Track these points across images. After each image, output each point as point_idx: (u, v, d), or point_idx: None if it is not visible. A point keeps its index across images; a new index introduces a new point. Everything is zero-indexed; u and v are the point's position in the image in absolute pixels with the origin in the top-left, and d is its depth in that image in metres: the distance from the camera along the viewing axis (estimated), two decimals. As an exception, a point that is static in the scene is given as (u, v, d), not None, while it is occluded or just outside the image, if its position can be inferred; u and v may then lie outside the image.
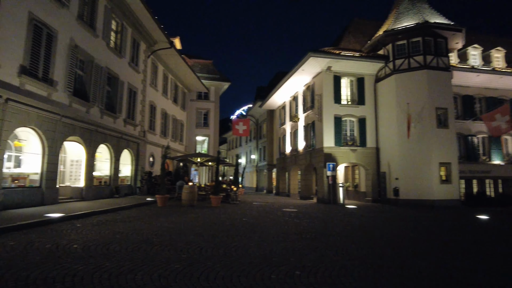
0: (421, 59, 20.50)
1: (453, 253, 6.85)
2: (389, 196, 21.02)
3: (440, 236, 9.27)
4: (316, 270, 5.23)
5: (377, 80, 22.74)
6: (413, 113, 19.99)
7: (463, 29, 21.16)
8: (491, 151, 23.94)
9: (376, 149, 22.39)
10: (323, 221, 11.61)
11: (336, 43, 25.63)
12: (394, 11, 23.12)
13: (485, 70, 23.49)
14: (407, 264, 5.79)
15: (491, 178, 23.94)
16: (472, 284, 4.76)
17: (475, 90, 24.26)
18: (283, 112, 30.85)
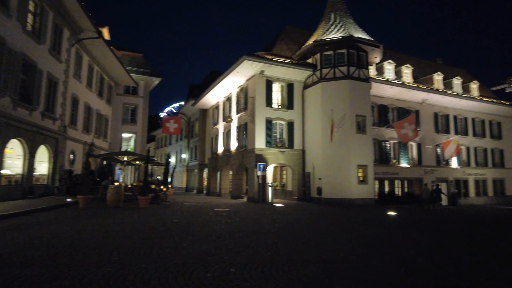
0: (345, 69, 22.36)
1: (368, 244, 7.71)
2: (313, 195, 22.48)
3: (357, 229, 10.30)
4: (250, 266, 5.50)
5: (306, 86, 24.17)
6: (336, 119, 21.69)
7: (380, 46, 23.62)
8: (400, 155, 27.11)
9: (302, 151, 23.76)
10: (254, 220, 12.03)
11: (269, 48, 26.55)
12: (323, 23, 24.80)
13: (397, 84, 26.53)
14: (327, 256, 6.38)
15: (399, 179, 27.10)
16: (372, 266, 5.47)
17: (389, 101, 27.23)
18: (216, 112, 30.90)
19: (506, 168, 33.29)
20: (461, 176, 30.45)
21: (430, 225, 12.06)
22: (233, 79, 24.73)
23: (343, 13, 24.48)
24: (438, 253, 7.02)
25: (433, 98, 28.74)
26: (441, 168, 29.23)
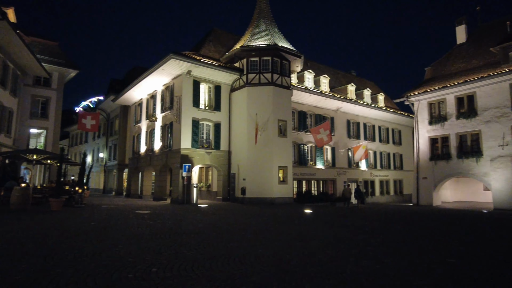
0: (269, 76, 23.51)
1: (284, 240, 8.46)
2: (237, 195, 23.16)
3: (276, 227, 11.10)
4: (172, 266, 5.71)
5: (232, 89, 24.78)
6: (261, 122, 22.70)
7: (302, 56, 25.36)
8: (316, 158, 29.38)
9: (228, 152, 24.30)
10: (178, 221, 12.09)
11: (197, 49, 26.54)
12: (250, 29, 25.69)
13: (315, 92, 28.73)
14: (247, 252, 6.90)
15: (315, 180, 29.36)
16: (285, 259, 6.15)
17: (308, 107, 29.32)
18: (139, 110, 29.71)
19: (404, 170, 38.31)
20: (369, 177, 34.18)
21: (340, 221, 13.50)
22: (159, 77, 24.17)
23: (269, 21, 25.70)
24: (344, 245, 8.05)
25: (347, 106, 31.79)
26: (352, 170, 32.44)
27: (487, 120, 22.73)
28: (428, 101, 26.26)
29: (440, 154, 25.18)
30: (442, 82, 25.81)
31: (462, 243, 8.66)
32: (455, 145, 24.35)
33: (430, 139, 25.94)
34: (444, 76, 26.67)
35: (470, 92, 23.79)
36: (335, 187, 30.42)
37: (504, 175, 21.62)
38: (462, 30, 29.00)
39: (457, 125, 24.36)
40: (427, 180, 25.69)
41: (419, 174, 26.25)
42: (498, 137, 22.08)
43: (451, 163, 24.45)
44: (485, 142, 22.72)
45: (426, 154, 25.94)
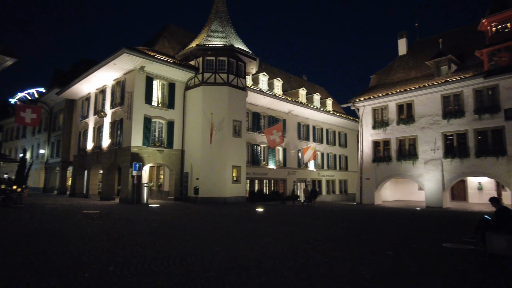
0: (225, 76, 23.69)
1: (237, 237, 8.77)
2: (190, 194, 23.02)
3: (230, 225, 11.38)
4: (129, 264, 5.75)
5: (187, 88, 24.57)
6: (216, 122, 22.81)
7: (257, 59, 25.88)
8: (269, 158, 30.15)
9: (181, 151, 24.06)
10: (129, 221, 11.86)
11: (150, 44, 25.87)
12: (207, 28, 25.65)
13: (269, 94, 29.46)
14: (201, 251, 7.11)
15: (268, 179, 30.09)
16: (240, 255, 6.49)
17: (261, 109, 29.98)
18: (87, 104, 28.19)
19: (349, 171, 40.64)
20: (316, 177, 35.77)
21: (291, 219, 14.13)
22: (110, 71, 23.20)
23: (226, 22, 25.88)
24: (295, 241, 8.56)
25: (298, 109, 33.01)
26: (301, 170, 33.74)
27: (422, 127, 25.04)
28: (372, 107, 28.23)
29: (381, 157, 27.21)
30: (385, 90, 27.91)
31: (398, 237, 9.64)
32: (395, 148, 26.47)
33: (373, 142, 27.91)
34: (387, 85, 28.85)
35: (409, 101, 26.05)
36: (286, 186, 31.44)
37: (435, 177, 23.99)
38: (403, 43, 31.59)
39: (397, 130, 26.50)
40: (369, 181, 27.61)
41: (363, 175, 28.12)
42: (431, 142, 24.45)
43: (391, 165, 26.55)
44: (421, 146, 25.02)
45: (369, 156, 27.87)
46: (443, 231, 11.05)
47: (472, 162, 22.53)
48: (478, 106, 22.53)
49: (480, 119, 22.36)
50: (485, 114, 22.14)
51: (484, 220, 7.90)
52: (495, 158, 21.44)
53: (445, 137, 23.97)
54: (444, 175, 23.64)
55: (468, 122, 22.87)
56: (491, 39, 22.53)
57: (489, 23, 22.75)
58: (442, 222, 13.90)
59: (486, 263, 6.54)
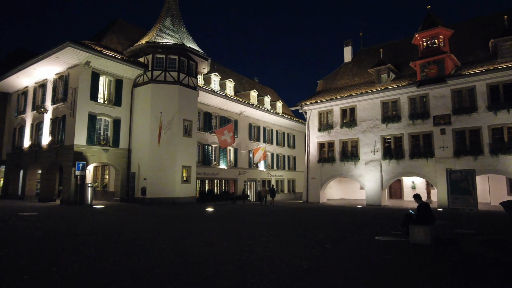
0: (175, 75, 23.46)
1: (187, 236, 8.93)
2: (137, 195, 22.44)
3: (179, 224, 11.45)
4: (72, 265, 5.70)
5: (136, 85, 23.92)
6: (165, 121, 22.50)
7: (209, 59, 25.97)
8: (220, 158, 30.31)
9: (128, 150, 23.36)
10: (72, 222, 11.42)
11: (98, 38, 24.75)
12: (157, 25, 25.18)
13: (221, 95, 29.64)
14: (150, 250, 7.20)
15: (218, 179, 30.25)
16: (187, 252, 6.72)
17: (213, 109, 30.06)
18: (23, 99, 26.14)
19: (297, 171, 42.17)
20: (266, 177, 36.65)
21: (239, 217, 14.51)
22: (51, 65, 21.84)
23: (178, 21, 25.62)
24: (241, 238, 8.92)
25: (249, 111, 33.59)
26: (252, 170, 34.37)
27: (363, 130, 26.90)
28: (318, 111, 29.69)
29: (326, 158, 28.72)
30: (330, 94, 29.51)
31: (337, 232, 10.44)
32: (339, 150, 28.11)
33: (319, 144, 29.36)
34: (332, 90, 30.51)
35: (352, 105, 27.82)
36: (236, 186, 31.83)
37: (374, 177, 25.91)
38: (349, 51, 33.63)
39: (341, 133, 28.17)
40: (315, 180, 29.00)
41: (309, 175, 29.45)
42: (371, 145, 26.35)
43: (335, 166, 28.15)
44: (362, 148, 26.85)
45: (315, 157, 29.27)
46: (378, 226, 12.13)
47: (406, 163, 24.71)
48: (412, 112, 24.77)
49: (413, 124, 24.61)
50: (417, 119, 24.42)
51: (408, 215, 8.92)
52: (425, 160, 23.76)
53: (384, 140, 26.00)
54: (382, 175, 25.62)
55: (403, 126, 25.05)
56: (422, 52, 24.92)
57: (421, 38, 25.12)
58: (378, 218, 15.18)
59: (407, 251, 7.43)
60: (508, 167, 20.67)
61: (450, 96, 23.23)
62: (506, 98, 21.14)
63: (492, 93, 21.76)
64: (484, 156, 21.52)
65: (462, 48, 25.29)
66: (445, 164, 22.03)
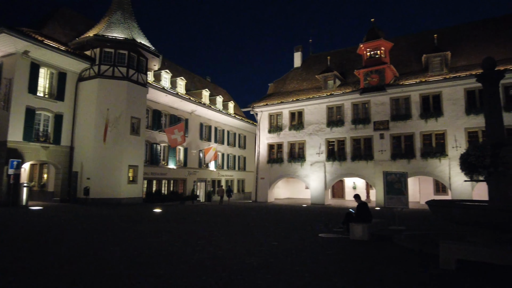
0: (124, 70, 22.65)
1: (138, 237, 8.82)
2: (79, 195, 21.28)
3: (126, 225, 11.19)
4: (5, 270, 5.44)
5: (81, 79, 22.66)
6: (112, 118, 21.63)
7: (160, 56, 25.41)
8: (169, 158, 29.76)
9: (70, 148, 22.07)
10: (3, 225, 10.62)
11: (39, 26, 22.96)
12: (107, 18, 24.06)
13: (171, 93, 29.12)
14: (101, 250, 7.05)
15: (167, 179, 29.67)
16: (140, 254, 6.74)
17: (163, 107, 29.42)
18: None
19: (247, 171, 42.77)
20: (216, 177, 36.69)
21: (189, 218, 14.50)
22: (-19, 53, 19.88)
23: (129, 15, 24.73)
24: (192, 238, 9.03)
25: (201, 110, 33.42)
26: (202, 170, 34.20)
27: (310, 133, 28.19)
28: (269, 113, 30.49)
29: (275, 158, 29.61)
30: (280, 98, 30.46)
31: (284, 230, 10.97)
32: (287, 151, 29.13)
33: (268, 145, 30.17)
34: (282, 93, 31.51)
35: (300, 109, 29.00)
36: (185, 186, 31.45)
37: (319, 177, 27.27)
38: (299, 56, 34.95)
39: (289, 135, 29.21)
40: (264, 180, 29.74)
41: (258, 175, 30.13)
42: (316, 147, 27.70)
43: (283, 166, 29.13)
44: (308, 150, 28.11)
45: (265, 158, 30.03)
46: (321, 224, 12.93)
47: (348, 165, 26.37)
48: (355, 118, 26.51)
49: (356, 128, 26.35)
50: (359, 124, 26.19)
51: (349, 213, 9.71)
52: (366, 162, 25.57)
53: (328, 143, 27.48)
54: (326, 175, 27.07)
55: (346, 130, 26.70)
56: (365, 61, 26.80)
57: (365, 48, 27.00)
58: (322, 216, 16.11)
59: (348, 247, 8.13)
60: (435, 169, 23.06)
61: (389, 104, 25.28)
62: (435, 108, 23.56)
63: (424, 102, 24.11)
64: (416, 160, 23.77)
65: (400, 60, 27.66)
66: (382, 167, 23.91)
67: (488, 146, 7.74)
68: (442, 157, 22.78)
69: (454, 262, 5.93)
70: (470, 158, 7.85)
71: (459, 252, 5.95)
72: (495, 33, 25.15)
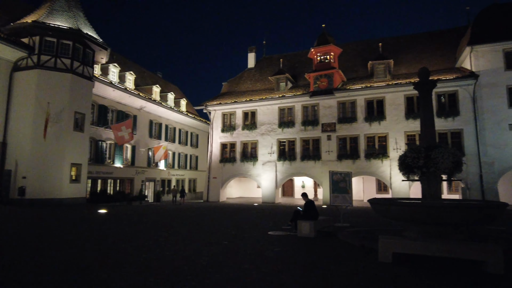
0: (68, 62, 21.22)
1: (80, 238, 8.33)
2: (13, 196, 19.52)
3: (69, 228, 10.51)
4: None
5: (17, 69, 20.81)
6: (53, 113, 20.15)
7: (109, 49, 24.17)
8: (115, 156, 28.40)
9: (2, 144, 20.16)
10: None
11: (-35, 8, 20.72)
12: (48, 3, 22.30)
13: (120, 88, 27.84)
14: (42, 255, 6.57)
15: (113, 178, 28.29)
16: (79, 257, 6.41)
17: (110, 102, 28.00)
18: None
19: (199, 170, 42.23)
20: (166, 177, 35.75)
21: (137, 219, 13.98)
22: None
23: (74, 3, 23.17)
24: (139, 239, 8.73)
25: (151, 107, 32.35)
26: (151, 169, 33.12)
27: (262, 133, 28.61)
28: (222, 112, 30.41)
29: (228, 158, 29.61)
30: (234, 97, 30.52)
31: (234, 228, 11.03)
32: (239, 150, 29.27)
33: (221, 144, 30.08)
34: (236, 93, 31.60)
35: (253, 109, 29.31)
36: (133, 186, 30.25)
37: (270, 176, 27.79)
38: (252, 57, 35.28)
39: (242, 135, 29.39)
40: (216, 180, 29.60)
41: (211, 174, 29.92)
42: (268, 147, 28.20)
43: (236, 165, 29.23)
44: (260, 150, 28.51)
45: (217, 157, 29.90)
46: (271, 222, 13.20)
47: (298, 164, 27.18)
48: (305, 119, 27.39)
49: (305, 130, 27.24)
50: (309, 126, 27.11)
51: (297, 211, 10.04)
52: (314, 162, 26.55)
53: (280, 143, 28.11)
54: (277, 175, 27.66)
55: (297, 131, 27.50)
56: (316, 66, 27.83)
57: (315, 53, 28.03)
58: (272, 215, 16.44)
59: (295, 244, 8.41)
60: (377, 169, 24.63)
61: (336, 107, 26.48)
62: (378, 112, 25.16)
63: (368, 107, 25.62)
64: (360, 160, 25.18)
65: (348, 65, 29.12)
66: (329, 166, 24.99)
67: (422, 148, 8.47)
68: (384, 158, 24.39)
69: (391, 255, 6.41)
70: (407, 159, 8.54)
71: (395, 246, 6.45)
72: (431, 46, 27.56)
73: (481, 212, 7.40)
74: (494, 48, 22.68)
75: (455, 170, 8.33)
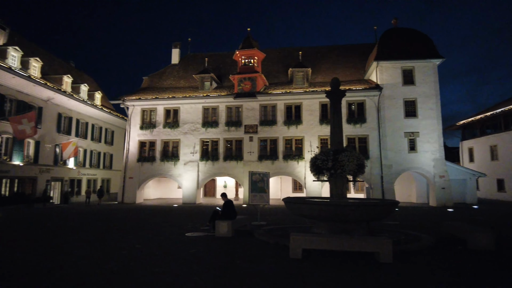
0: (-48, 40, 18.00)
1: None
2: None
3: None
4: None
5: None
6: None
7: (7, 28, 21.20)
8: (13, 152, 24.95)
9: None
10: None
11: None
12: None
13: (22, 75, 24.55)
14: None
15: (9, 178, 24.80)
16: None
17: (8, 90, 24.47)
18: None
19: (113, 170, 39.45)
20: (76, 176, 32.63)
21: (39, 223, 12.52)
22: None
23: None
24: (41, 246, 7.83)
25: (60, 98, 29.20)
26: (58, 168, 29.91)
27: (185, 132, 28.02)
28: (141, 108, 28.95)
29: (147, 157, 28.29)
30: (155, 93, 29.30)
31: (150, 231, 10.62)
32: (160, 149, 28.20)
33: (139, 142, 28.60)
34: (158, 89, 30.39)
35: (176, 107, 28.53)
36: (36, 187, 26.91)
37: (192, 176, 27.35)
38: (177, 53, 34.33)
39: (163, 133, 28.37)
40: (133, 180, 28.04)
41: (127, 174, 28.23)
42: (191, 146, 27.74)
43: (155, 165, 28.08)
44: (182, 149, 27.87)
45: (135, 156, 28.35)
46: (190, 223, 13.03)
47: (221, 164, 27.28)
48: (228, 120, 27.62)
49: (229, 130, 27.47)
50: (232, 127, 27.41)
51: (215, 211, 10.11)
52: (236, 162, 26.93)
53: (203, 143, 27.87)
54: (199, 175, 27.36)
55: (220, 132, 27.58)
56: (240, 68, 28.29)
57: (240, 55, 28.48)
58: (191, 216, 16.23)
59: (212, 244, 8.44)
60: (293, 170, 26.05)
61: (258, 110, 27.28)
62: (296, 117, 26.64)
63: (287, 111, 26.94)
64: (279, 161, 26.34)
65: (270, 71, 30.24)
66: (251, 167, 25.62)
67: (331, 151, 9.25)
68: (299, 160, 25.91)
69: (301, 251, 6.86)
70: (317, 161, 9.24)
71: (304, 243, 6.92)
72: (345, 58, 30.23)
73: (377, 209, 8.38)
74: (394, 65, 25.91)
75: (359, 172, 9.29)
